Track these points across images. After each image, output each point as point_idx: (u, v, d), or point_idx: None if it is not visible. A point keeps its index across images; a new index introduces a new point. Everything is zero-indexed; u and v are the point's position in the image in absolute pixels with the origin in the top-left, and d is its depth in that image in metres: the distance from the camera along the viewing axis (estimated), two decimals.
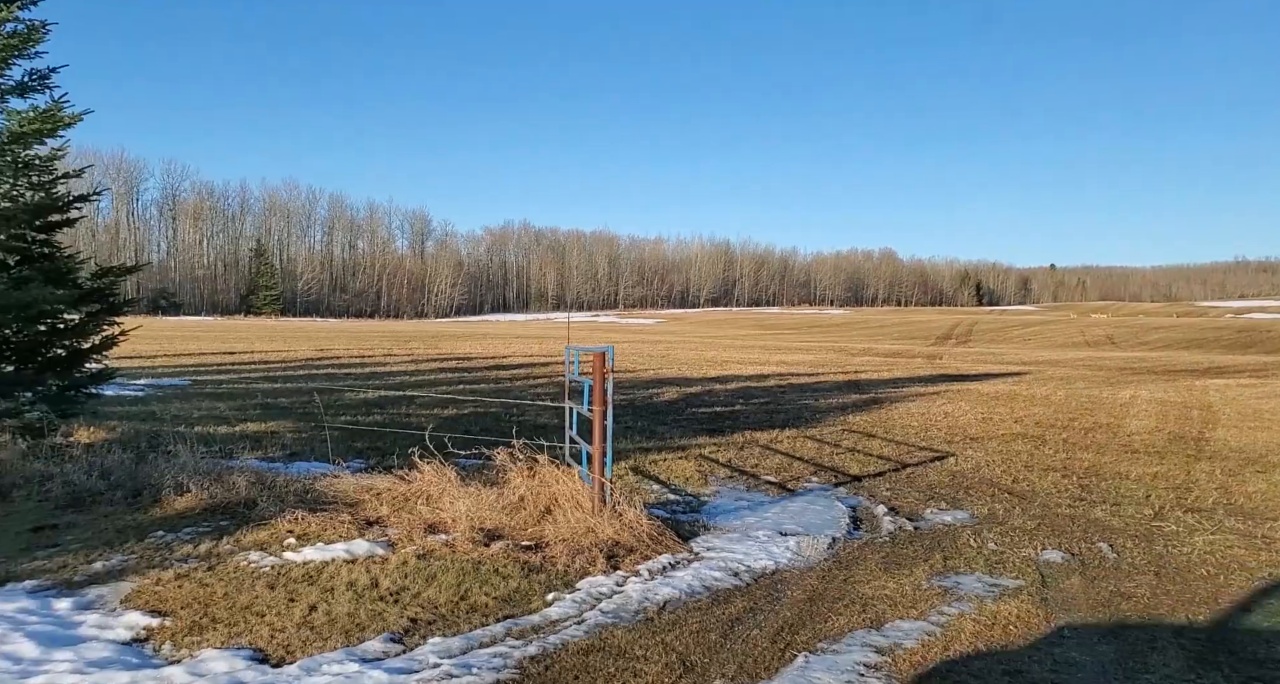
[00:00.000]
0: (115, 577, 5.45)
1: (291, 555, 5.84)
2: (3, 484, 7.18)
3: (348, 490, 7.24)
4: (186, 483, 7.18)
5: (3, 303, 6.96)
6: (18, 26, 6.91)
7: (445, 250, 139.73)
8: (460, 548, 5.98)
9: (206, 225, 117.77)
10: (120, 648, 4.43)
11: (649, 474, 8.73)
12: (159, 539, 6.22)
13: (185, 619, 4.77)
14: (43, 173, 7.42)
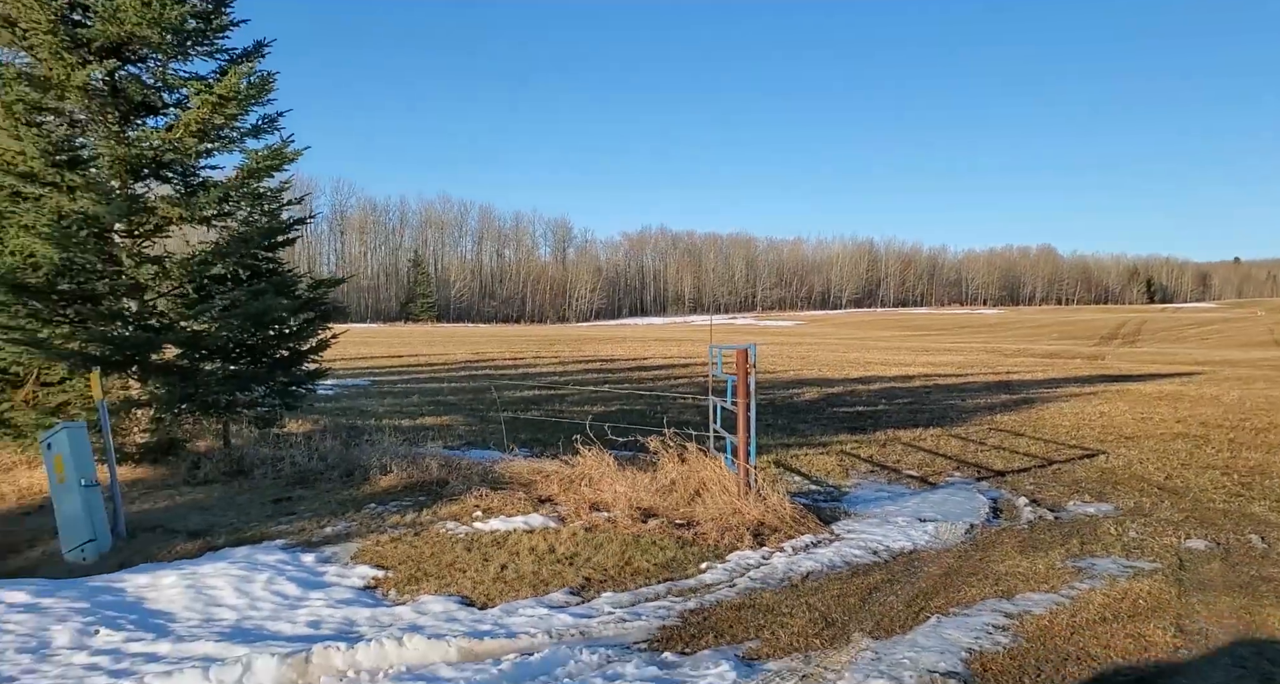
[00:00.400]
0: (343, 538, 6.55)
1: (480, 525, 6.78)
2: (245, 464, 8.61)
3: (521, 472, 8.18)
4: (389, 465, 8.35)
5: (244, 311, 8.37)
6: (252, 78, 8.30)
7: (585, 256, 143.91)
8: (621, 523, 6.73)
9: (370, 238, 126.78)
10: (357, 592, 5.44)
11: (790, 467, 9.22)
12: (372, 510, 7.34)
13: (403, 572, 5.75)
14: (271, 201, 8.83)
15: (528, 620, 4.74)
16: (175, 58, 8.42)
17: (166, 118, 8.72)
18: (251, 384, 8.96)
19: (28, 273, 7.52)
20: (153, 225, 8.52)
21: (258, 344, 9.05)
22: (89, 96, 7.95)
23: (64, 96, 7.88)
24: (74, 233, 7.58)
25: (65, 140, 7.67)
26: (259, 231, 8.69)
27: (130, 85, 8.20)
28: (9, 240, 7.65)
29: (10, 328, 7.44)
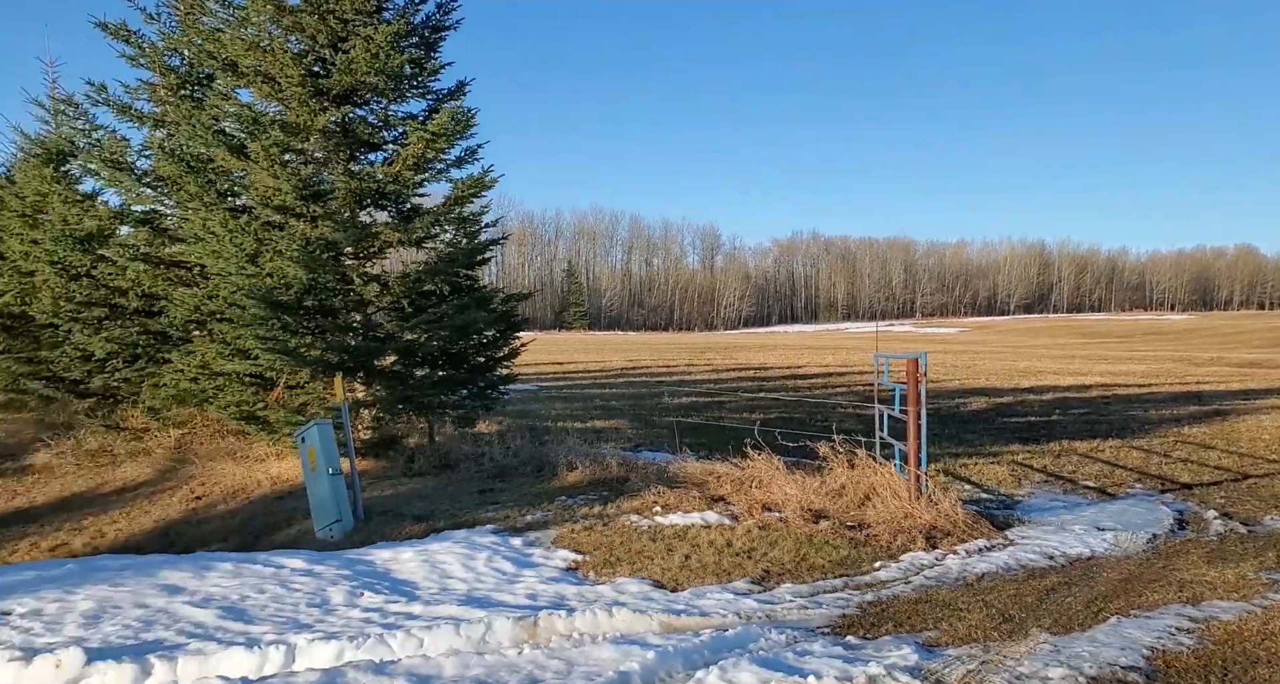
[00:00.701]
0: (542, 526, 7.34)
1: (660, 519, 7.38)
2: (451, 459, 9.68)
3: (694, 473, 8.75)
4: (574, 462, 9.15)
5: (451, 323, 9.45)
6: (457, 115, 9.37)
7: (734, 263, 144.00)
8: (792, 523, 7.13)
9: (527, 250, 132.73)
10: (561, 572, 6.16)
11: (959, 476, 9.27)
12: (563, 502, 8.13)
13: (598, 557, 6.42)
14: (472, 224, 9.89)
15: (716, 603, 5.26)
16: (394, 100, 9.65)
17: (385, 153, 9.98)
18: (455, 388, 10.05)
19: (281, 291, 8.86)
20: (376, 248, 9.78)
21: (460, 352, 10.13)
22: (326, 137, 9.27)
23: (307, 139, 9.24)
24: (317, 256, 8.87)
25: (311, 177, 8.98)
26: (462, 252, 9.77)
27: (358, 126, 9.48)
28: (266, 264, 9.04)
29: (267, 339, 8.81)
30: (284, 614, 5.15)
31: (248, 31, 9.08)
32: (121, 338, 10.84)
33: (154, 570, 5.90)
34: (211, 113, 10.14)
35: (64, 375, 11.45)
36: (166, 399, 10.74)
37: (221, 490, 9.22)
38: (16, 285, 11.96)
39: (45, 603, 5.19)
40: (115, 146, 10.90)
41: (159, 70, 10.63)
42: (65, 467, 10.57)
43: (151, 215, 11.05)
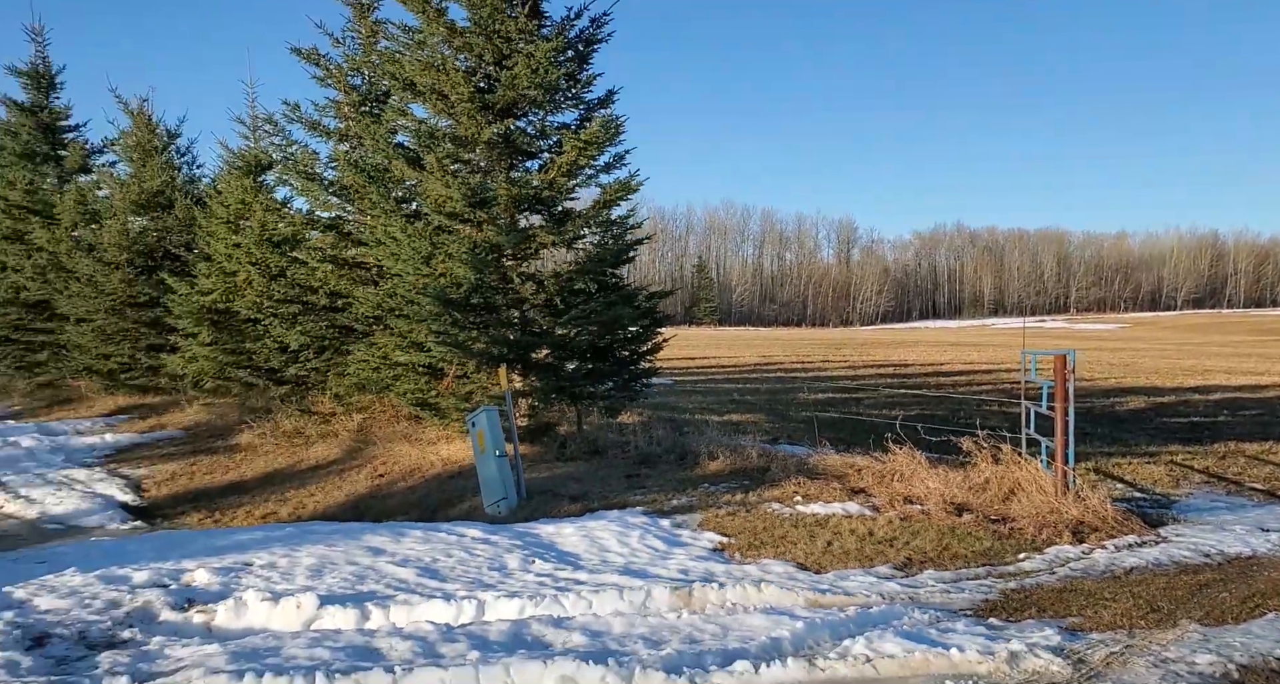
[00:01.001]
0: (688, 510, 7.82)
1: (801, 508, 7.70)
2: (599, 446, 10.35)
3: (835, 465, 8.99)
4: (715, 452, 9.59)
5: (600, 319, 10.11)
6: (606, 123, 9.99)
7: (871, 257, 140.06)
8: (935, 515, 7.28)
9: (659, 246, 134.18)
10: (709, 552, 6.61)
11: (1111, 475, 9.06)
12: (705, 489, 8.59)
13: (743, 540, 6.83)
14: (618, 226, 10.51)
15: (860, 584, 5.56)
16: (549, 111, 10.39)
17: (541, 161, 10.75)
18: (602, 379, 10.70)
19: (452, 290, 9.76)
20: (532, 250, 10.56)
21: (606, 346, 10.77)
22: (490, 148, 10.12)
23: (474, 150, 10.12)
24: (483, 258, 9.72)
25: (477, 185, 9.83)
26: (609, 252, 10.39)
27: (517, 137, 10.27)
28: (438, 265, 9.99)
29: (439, 333, 9.73)
30: (470, 575, 5.87)
31: (423, 53, 10.03)
32: (312, 331, 12.17)
33: (359, 535, 6.80)
34: (389, 127, 11.24)
35: (263, 365, 12.96)
36: (350, 387, 11.98)
37: (400, 469, 10.26)
38: (222, 284, 13.59)
39: (277, 558, 6.13)
40: (307, 159, 12.25)
41: (343, 89, 11.86)
42: (266, 446, 12.00)
43: (337, 221, 12.34)
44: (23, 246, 17.67)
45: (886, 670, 3.99)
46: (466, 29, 9.81)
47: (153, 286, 15.33)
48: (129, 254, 15.49)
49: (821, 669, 3.99)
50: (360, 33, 11.63)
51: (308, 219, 12.69)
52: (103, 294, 15.61)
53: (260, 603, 5.08)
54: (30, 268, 17.28)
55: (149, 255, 15.71)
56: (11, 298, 17.49)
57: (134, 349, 15.58)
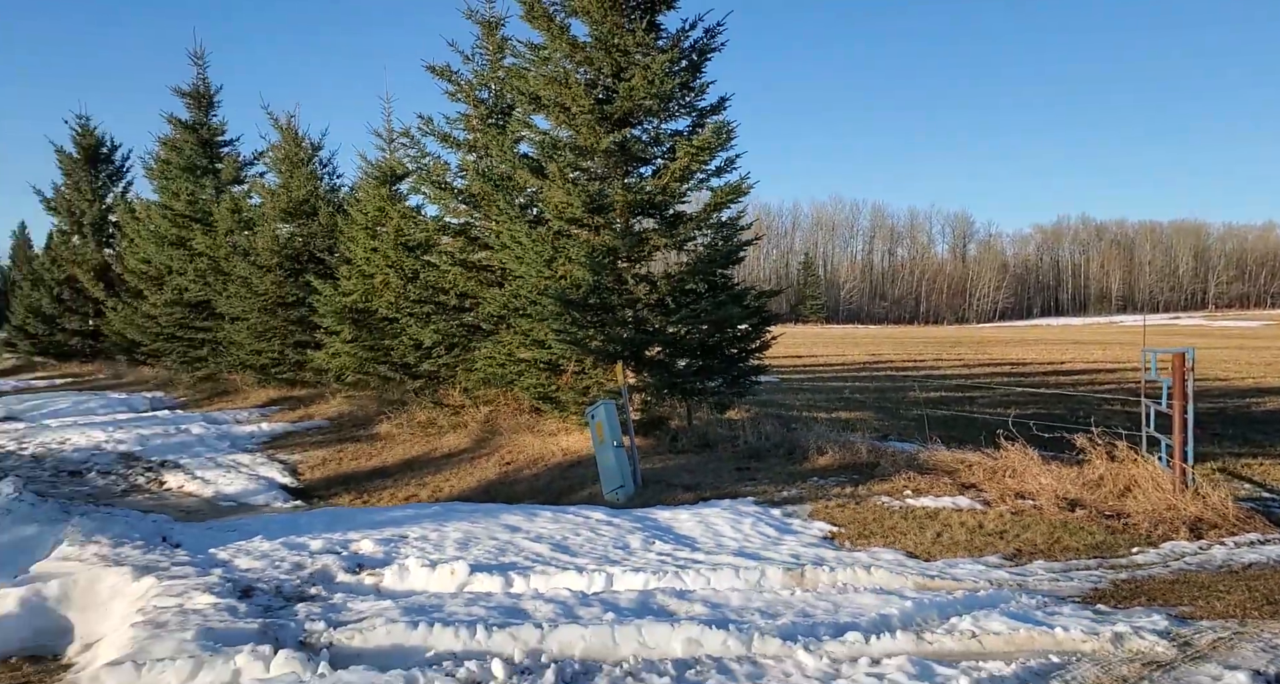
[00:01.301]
0: (797, 501, 8.16)
1: (911, 501, 7.91)
2: (709, 440, 10.79)
3: (945, 461, 9.12)
4: (824, 447, 9.87)
5: (710, 318, 10.55)
6: (718, 129, 10.41)
7: (988, 252, 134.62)
8: (1047, 510, 7.37)
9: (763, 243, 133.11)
10: (819, 540, 6.94)
11: (1239, 475, 8.82)
12: (815, 482, 8.89)
13: (852, 530, 7.13)
14: (728, 228, 10.92)
15: (968, 572, 5.80)
16: (663, 119, 10.89)
17: (654, 166, 11.27)
18: (712, 376, 11.13)
19: (571, 291, 10.41)
20: (645, 252, 11.09)
21: (716, 344, 11.19)
22: (607, 156, 10.71)
23: (592, 158, 10.73)
24: (600, 261, 10.32)
25: (596, 192, 10.44)
26: (719, 253, 10.81)
27: (633, 145, 10.82)
28: (559, 268, 10.65)
29: (560, 331, 10.40)
30: (597, 551, 6.43)
31: (547, 68, 10.72)
32: (443, 330, 13.12)
33: (496, 514, 7.49)
34: (513, 137, 12.02)
35: (399, 360, 14.04)
36: (477, 381, 12.85)
37: (525, 458, 11.00)
38: (362, 286, 14.77)
39: (428, 532, 6.87)
40: (438, 169, 13.21)
41: (472, 103, 12.74)
42: (403, 435, 13.02)
43: (465, 227, 13.26)
44: (186, 252, 19.60)
45: (991, 645, 4.27)
46: (587, 44, 10.44)
47: (299, 288, 16.76)
48: (278, 258, 16.99)
49: (929, 642, 4.30)
50: (488, 49, 12.47)
51: (439, 225, 13.66)
52: (256, 295, 17.17)
53: (420, 569, 5.78)
54: (192, 271, 19.16)
55: (296, 259, 17.18)
56: (176, 299, 19.43)
57: (283, 345, 17.08)
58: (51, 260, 25.42)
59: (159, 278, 20.26)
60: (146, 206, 21.85)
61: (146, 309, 20.33)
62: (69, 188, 24.99)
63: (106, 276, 23.59)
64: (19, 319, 25.05)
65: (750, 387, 11.54)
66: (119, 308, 21.44)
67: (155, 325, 19.84)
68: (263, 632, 4.46)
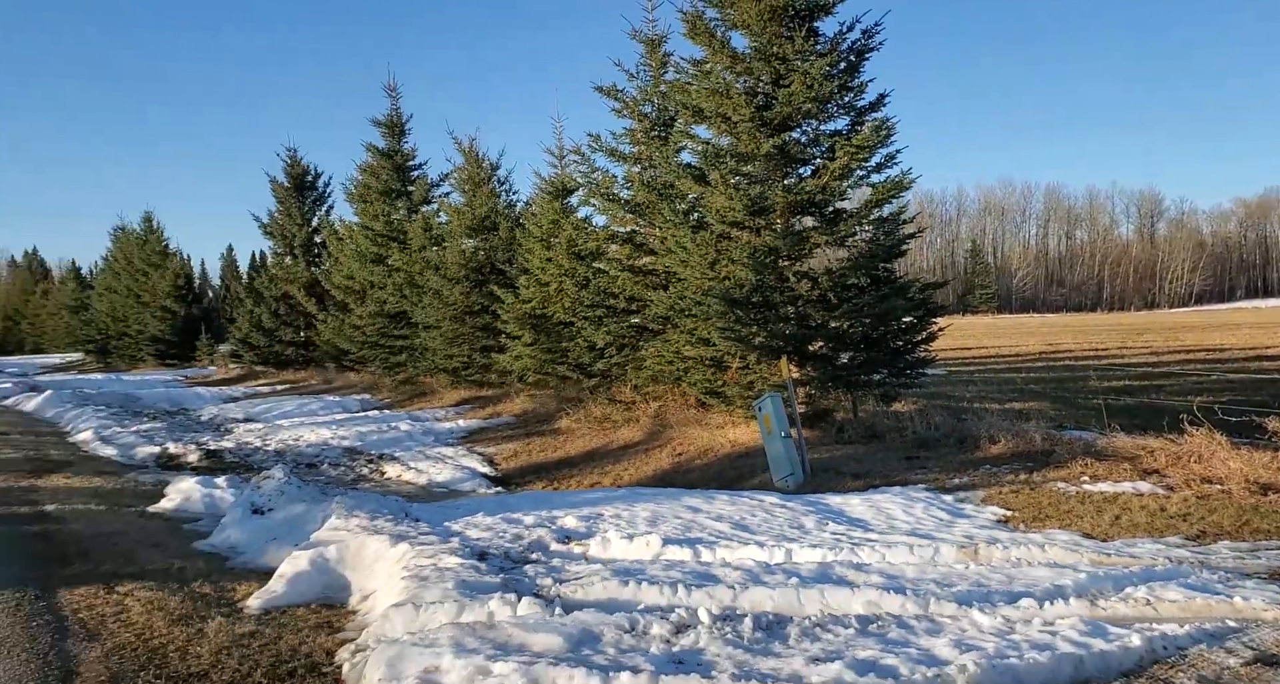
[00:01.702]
0: (968, 488, 8.36)
1: (1088, 486, 7.92)
2: (876, 431, 11.06)
3: (1125, 447, 8.99)
4: (996, 436, 9.92)
5: (872, 312, 10.83)
6: (877, 127, 10.67)
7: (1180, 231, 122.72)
8: (1235, 494, 7.21)
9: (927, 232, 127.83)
10: (993, 523, 7.16)
11: None
12: (987, 470, 9.02)
13: (1026, 513, 7.29)
14: (890, 223, 11.15)
15: (1147, 551, 5.90)
16: (822, 121, 11.28)
17: (813, 166, 11.66)
18: (876, 368, 11.39)
19: (735, 291, 11.00)
20: (806, 250, 11.52)
21: (880, 337, 11.43)
22: (767, 161, 11.23)
23: (752, 163, 11.28)
24: (761, 261, 10.85)
25: (756, 195, 10.99)
26: (881, 248, 11.06)
27: (791, 147, 11.28)
28: (722, 269, 11.28)
29: (725, 329, 11.01)
30: (774, 530, 6.99)
31: (708, 81, 11.38)
32: (614, 331, 14.08)
33: (678, 497, 8.22)
34: (675, 147, 12.76)
35: (576, 361, 15.15)
36: (646, 378, 13.71)
37: (695, 450, 11.71)
38: (539, 293, 16.03)
39: (619, 511, 7.68)
40: (606, 182, 14.19)
41: (636, 117, 13.62)
42: (582, 429, 14.09)
43: (632, 234, 14.15)
44: (384, 268, 21.81)
45: (1166, 612, 4.48)
46: (747, 55, 11.01)
47: (484, 297, 18.33)
48: (465, 270, 18.65)
49: (1103, 608, 4.58)
50: (651, 66, 13.31)
51: (608, 234, 14.65)
52: (446, 305, 18.93)
53: (619, 540, 6.57)
54: (390, 285, 21.30)
55: (479, 271, 18.78)
56: (378, 310, 21.67)
57: (471, 350, 18.73)
58: (269, 279, 28.89)
59: (362, 292, 22.66)
60: (348, 227, 24.48)
61: (352, 320, 22.79)
62: (281, 214, 28.33)
63: (315, 292, 26.55)
64: (243, 332, 28.62)
65: (916, 378, 11.69)
66: (328, 320, 24.13)
67: (360, 335, 22.23)
68: (504, 584, 5.37)
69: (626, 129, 13.85)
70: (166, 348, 36.09)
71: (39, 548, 6.98)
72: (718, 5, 11.06)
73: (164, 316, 35.91)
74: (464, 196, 19.61)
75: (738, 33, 11.10)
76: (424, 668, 4.10)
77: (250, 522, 7.74)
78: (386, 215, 22.49)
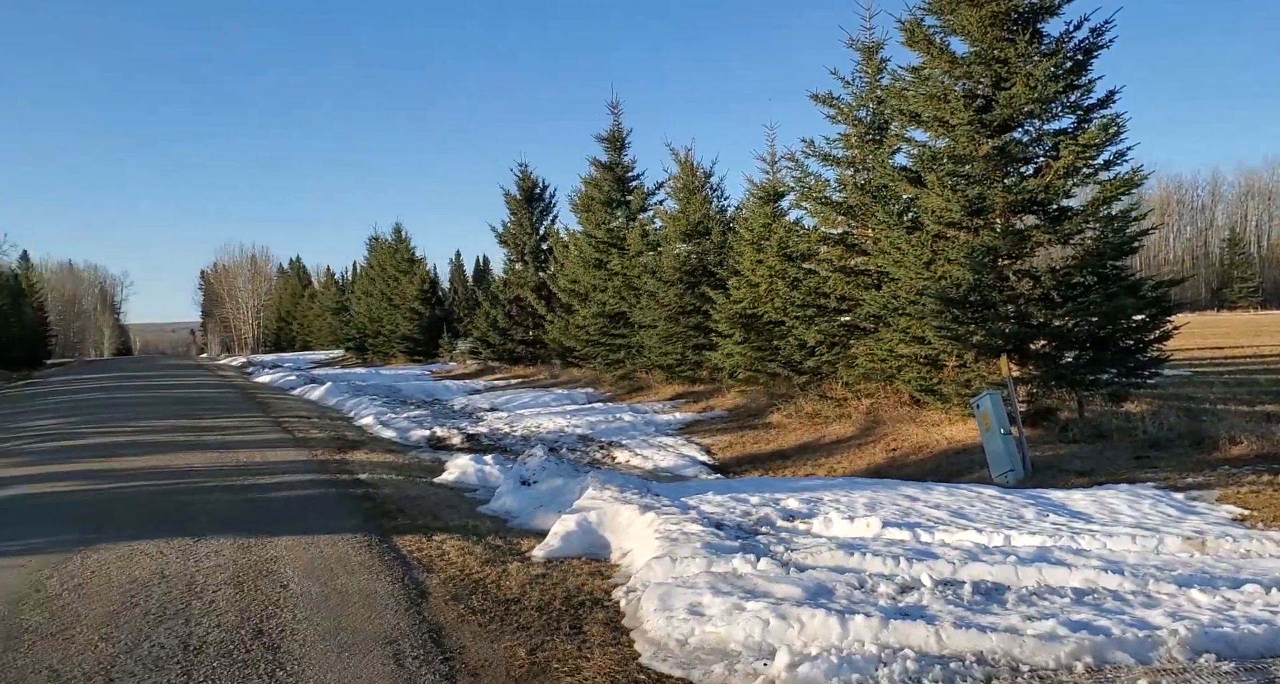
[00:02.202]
0: (1203, 487, 8.19)
1: None
2: (1103, 430, 10.86)
3: None
4: (1237, 436, 9.50)
5: (1099, 310, 10.65)
6: (1105, 124, 10.48)
7: None
8: None
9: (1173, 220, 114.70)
10: (1227, 521, 7.07)
11: None
12: (1225, 471, 8.72)
13: (1266, 513, 7.12)
14: (1119, 220, 10.87)
15: None
16: (1045, 121, 11.22)
17: (1035, 165, 11.60)
18: (1103, 368, 11.15)
19: (951, 290, 11.23)
20: (1027, 248, 11.49)
21: (1107, 336, 11.17)
22: (986, 161, 11.34)
23: (970, 164, 11.44)
24: (979, 260, 11.00)
25: (974, 196, 11.15)
26: (1109, 246, 10.83)
27: (1012, 147, 11.31)
28: (937, 269, 11.53)
29: (940, 328, 11.27)
30: (992, 519, 7.36)
31: (925, 87, 11.68)
32: (825, 330, 14.62)
33: (894, 486, 8.74)
34: (890, 151, 13.10)
35: (786, 358, 15.84)
36: (857, 376, 14.14)
37: (909, 446, 12.04)
38: (749, 294, 16.85)
39: (838, 496, 8.35)
40: (819, 186, 14.76)
41: (850, 123, 14.08)
42: (792, 424, 14.76)
43: (844, 236, 14.62)
44: (605, 272, 23.62)
45: None
46: (966, 59, 11.20)
47: (696, 298, 19.46)
48: (679, 274, 19.89)
49: None
50: (867, 72, 13.74)
51: (819, 236, 15.20)
52: (661, 306, 20.26)
53: (840, 520, 7.26)
54: (611, 288, 23.04)
55: (692, 274, 19.94)
56: (599, 311, 23.50)
57: (684, 348, 19.93)
58: (502, 283, 31.92)
59: (585, 294, 24.63)
60: (572, 235, 26.66)
61: (576, 320, 24.83)
62: (513, 224, 31.22)
63: (543, 294, 29.07)
64: (481, 331, 31.81)
65: (1149, 378, 11.30)
66: (555, 320, 26.41)
67: (584, 333, 24.18)
68: (743, 548, 6.26)
69: (841, 134, 14.33)
70: (414, 345, 40.70)
71: (366, 506, 8.77)
72: (937, 13, 11.34)
73: (412, 317, 40.51)
74: (679, 203, 20.86)
75: (957, 38, 11.31)
76: (689, 603, 5.07)
77: (520, 491, 9.21)
78: (607, 223, 24.32)
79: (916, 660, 4.06)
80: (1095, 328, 11.06)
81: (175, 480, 10.06)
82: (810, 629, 4.51)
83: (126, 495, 9.28)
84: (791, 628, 4.56)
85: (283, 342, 77.40)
